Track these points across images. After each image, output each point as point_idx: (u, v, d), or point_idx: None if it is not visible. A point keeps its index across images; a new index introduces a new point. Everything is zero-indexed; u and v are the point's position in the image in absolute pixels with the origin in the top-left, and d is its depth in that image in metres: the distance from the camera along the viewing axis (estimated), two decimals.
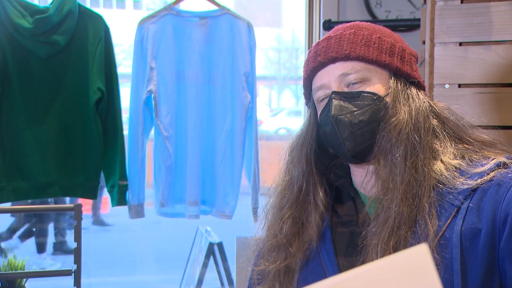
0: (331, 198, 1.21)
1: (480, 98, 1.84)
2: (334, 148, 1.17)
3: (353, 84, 1.14)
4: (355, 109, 1.12)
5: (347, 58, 1.14)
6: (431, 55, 1.88)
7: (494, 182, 1.06)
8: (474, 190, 1.06)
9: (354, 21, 1.24)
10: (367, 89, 1.14)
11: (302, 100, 1.29)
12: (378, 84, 1.14)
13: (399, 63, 1.16)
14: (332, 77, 1.15)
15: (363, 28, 1.18)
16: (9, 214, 5.21)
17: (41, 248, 5.30)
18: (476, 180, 1.07)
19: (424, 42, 1.90)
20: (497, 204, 1.04)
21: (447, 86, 1.87)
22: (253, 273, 1.26)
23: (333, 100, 1.13)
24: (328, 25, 2.70)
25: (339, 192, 1.23)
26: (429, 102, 1.17)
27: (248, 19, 2.52)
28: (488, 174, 1.07)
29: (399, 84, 1.15)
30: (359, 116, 1.12)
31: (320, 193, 1.19)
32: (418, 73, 1.20)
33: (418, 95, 1.16)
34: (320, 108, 1.18)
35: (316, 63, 1.17)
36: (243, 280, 1.26)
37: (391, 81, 1.15)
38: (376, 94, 1.13)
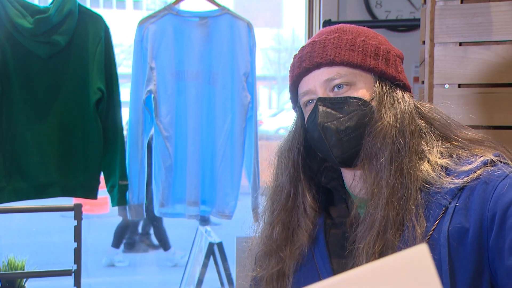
0: (321, 201, 1.21)
1: (480, 98, 1.84)
2: (322, 153, 1.17)
3: (338, 89, 1.14)
4: (341, 115, 1.12)
5: (331, 63, 1.14)
6: (431, 55, 1.88)
7: (481, 180, 1.06)
8: (461, 189, 1.06)
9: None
10: (353, 94, 1.13)
11: None
12: (363, 89, 1.14)
13: (384, 66, 1.16)
14: (317, 83, 1.15)
15: (347, 32, 1.17)
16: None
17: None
18: (463, 179, 1.07)
19: (424, 42, 1.90)
20: (485, 203, 1.04)
21: (447, 86, 1.87)
22: (251, 279, 1.27)
23: (319, 107, 1.13)
24: (328, 25, 2.70)
25: (332, 193, 1.23)
26: (414, 104, 1.17)
27: (248, 19, 2.52)
28: (475, 172, 1.07)
29: (384, 87, 1.15)
30: (346, 122, 1.12)
31: (309, 199, 1.19)
32: (404, 75, 1.20)
33: (404, 97, 1.15)
34: (306, 113, 1.18)
35: (301, 68, 1.17)
36: (243, 280, 1.27)
37: (376, 84, 1.15)
38: (361, 99, 1.13)
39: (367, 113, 1.12)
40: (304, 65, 1.16)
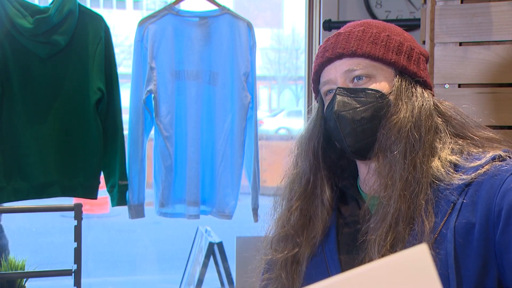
0: (337, 194, 1.23)
1: (480, 98, 1.84)
2: (337, 142, 1.19)
3: (358, 80, 1.15)
4: (358, 105, 1.13)
5: (353, 54, 1.16)
6: (431, 55, 1.88)
7: (489, 175, 1.06)
8: (469, 184, 1.07)
9: (355, 21, 1.25)
10: (372, 86, 1.15)
11: (302, 100, 1.31)
12: (383, 82, 1.15)
13: (406, 61, 1.17)
14: (338, 73, 1.17)
15: (372, 26, 1.19)
16: None
17: None
18: (470, 174, 1.07)
19: (424, 42, 1.90)
20: (491, 198, 1.05)
21: (447, 86, 1.88)
22: (264, 262, 1.28)
23: (337, 96, 1.15)
24: (328, 25, 2.70)
25: (344, 192, 1.25)
26: (433, 101, 1.17)
27: (248, 19, 2.52)
28: (483, 167, 1.08)
29: (403, 82, 1.16)
30: (361, 113, 1.13)
31: (327, 189, 1.21)
32: (426, 73, 1.21)
33: (423, 94, 1.17)
34: (326, 102, 1.20)
35: (324, 58, 1.19)
36: (243, 280, 1.28)
37: (396, 79, 1.16)
38: (379, 91, 1.14)
39: (384, 106, 1.14)
40: (327, 55, 1.18)
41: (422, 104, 1.14)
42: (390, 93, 1.15)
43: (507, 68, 1.80)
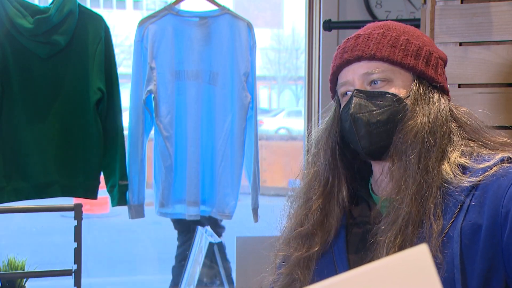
0: (352, 194, 1.24)
1: (480, 98, 1.84)
2: (352, 144, 1.20)
3: (375, 83, 1.16)
4: (374, 108, 1.14)
5: (372, 58, 1.16)
6: None
7: (496, 177, 1.07)
8: (476, 186, 1.07)
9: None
10: (389, 90, 1.15)
11: (302, 100, 1.31)
12: (400, 86, 1.16)
13: (424, 66, 1.17)
14: (356, 75, 1.17)
15: (392, 29, 1.19)
16: None
17: None
18: (478, 176, 1.08)
19: None
20: (499, 200, 1.05)
21: None
22: (277, 257, 1.28)
23: (354, 98, 1.15)
24: (328, 25, 2.70)
25: (356, 192, 1.26)
26: (450, 107, 1.18)
27: (248, 19, 2.53)
28: (491, 169, 1.08)
29: (421, 87, 1.16)
30: (377, 116, 1.14)
31: (343, 188, 1.22)
32: (444, 77, 1.22)
33: (440, 99, 1.17)
34: (343, 103, 1.20)
35: (343, 60, 1.19)
36: (243, 280, 1.28)
37: (414, 84, 1.16)
38: (396, 95, 1.15)
39: (400, 110, 1.14)
40: (345, 56, 1.19)
41: (439, 110, 1.15)
42: (407, 97, 1.15)
43: (508, 68, 1.80)
